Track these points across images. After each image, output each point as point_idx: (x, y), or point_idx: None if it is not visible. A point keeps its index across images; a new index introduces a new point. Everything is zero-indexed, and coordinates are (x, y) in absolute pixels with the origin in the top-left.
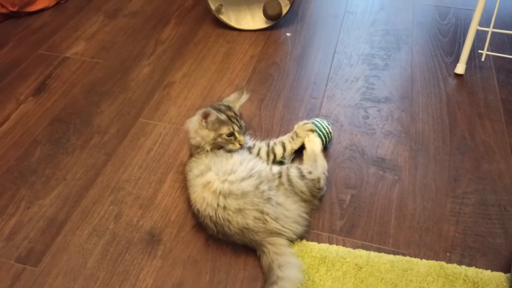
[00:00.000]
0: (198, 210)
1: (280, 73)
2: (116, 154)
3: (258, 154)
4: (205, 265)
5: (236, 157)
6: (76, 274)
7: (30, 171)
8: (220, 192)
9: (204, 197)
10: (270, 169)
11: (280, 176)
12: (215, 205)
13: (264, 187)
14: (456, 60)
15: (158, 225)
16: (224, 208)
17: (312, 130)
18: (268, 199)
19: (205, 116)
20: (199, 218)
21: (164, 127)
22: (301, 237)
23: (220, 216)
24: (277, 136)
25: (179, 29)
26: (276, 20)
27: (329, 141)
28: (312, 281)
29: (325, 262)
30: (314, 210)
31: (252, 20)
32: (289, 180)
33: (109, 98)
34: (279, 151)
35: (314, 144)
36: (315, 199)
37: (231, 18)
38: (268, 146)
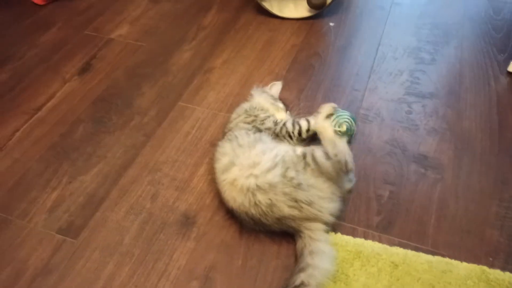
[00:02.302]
0: (232, 208)
1: (321, 64)
2: (155, 136)
3: (284, 125)
4: (237, 250)
5: (259, 147)
6: (112, 249)
7: (73, 148)
8: (248, 190)
9: (234, 197)
10: (294, 150)
11: (305, 157)
12: (247, 204)
13: (291, 173)
14: (510, 57)
15: (193, 208)
16: (256, 204)
17: (334, 108)
18: (299, 185)
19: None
20: (235, 214)
21: (203, 111)
22: (336, 230)
23: (254, 212)
24: None
25: (221, 15)
26: (320, 9)
27: (353, 133)
28: (346, 275)
29: (359, 257)
30: (350, 204)
31: (295, 8)
32: (314, 160)
33: (151, 81)
34: (304, 124)
35: (323, 129)
36: (342, 183)
37: (274, 5)
38: (293, 119)
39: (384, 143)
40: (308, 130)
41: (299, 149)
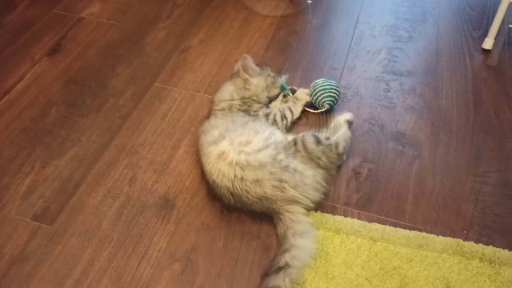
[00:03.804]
0: (214, 181)
1: (299, 42)
2: (131, 118)
3: (274, 119)
4: (218, 232)
5: (251, 126)
6: (90, 234)
7: (45, 132)
8: (236, 163)
9: (220, 169)
10: (286, 138)
11: (295, 144)
12: (232, 176)
13: (281, 156)
14: (484, 35)
15: (172, 190)
16: (242, 179)
17: (309, 94)
18: (286, 167)
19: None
20: (215, 189)
21: (180, 92)
22: (316, 208)
23: (237, 186)
24: None
25: None
26: None
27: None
28: (326, 252)
29: (339, 234)
30: (330, 182)
31: None
32: (305, 146)
33: (125, 61)
34: (289, 115)
35: (343, 115)
36: (333, 165)
37: None
38: (281, 111)
39: (363, 122)
40: (291, 121)
41: (290, 136)
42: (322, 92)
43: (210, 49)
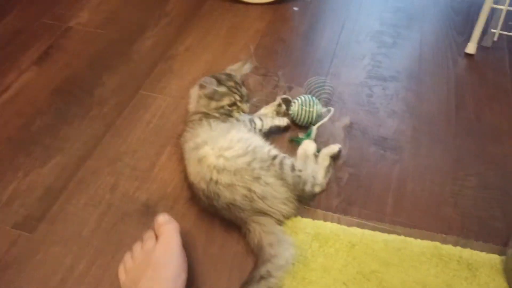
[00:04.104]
0: (192, 182)
1: (285, 49)
2: (115, 126)
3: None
4: (198, 237)
5: (234, 133)
6: (70, 242)
7: (30, 140)
8: (214, 167)
9: (198, 171)
10: (269, 151)
11: (274, 159)
12: (208, 179)
13: (255, 165)
14: (468, 39)
15: (154, 197)
16: (216, 182)
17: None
18: (257, 178)
19: (201, 88)
20: (194, 190)
21: (165, 100)
22: (295, 214)
23: (211, 189)
24: None
25: (185, 1)
26: None
27: (313, 120)
28: (304, 256)
29: (318, 239)
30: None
31: None
32: (281, 165)
33: (111, 70)
34: (258, 122)
35: (307, 146)
36: (300, 196)
37: None
38: (256, 117)
39: (345, 127)
40: (260, 128)
41: (274, 151)
42: (317, 89)
43: (196, 57)
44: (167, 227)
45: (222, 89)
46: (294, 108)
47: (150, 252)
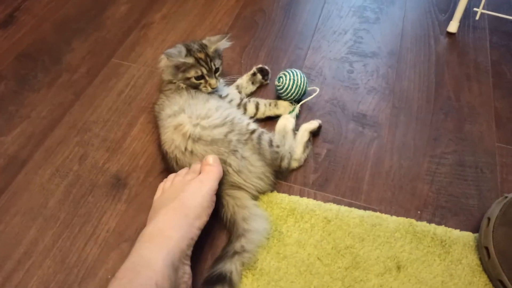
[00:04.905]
0: (166, 151)
1: (265, 21)
2: (85, 94)
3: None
4: None
5: (213, 102)
6: (35, 213)
7: None
8: (190, 136)
9: (173, 139)
10: (247, 124)
11: (252, 133)
12: (183, 148)
13: (233, 137)
14: (450, 18)
15: (125, 169)
16: (191, 152)
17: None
18: (234, 151)
19: (167, 56)
20: (167, 160)
21: (138, 69)
22: (271, 190)
23: (185, 160)
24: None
25: None
26: None
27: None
28: (279, 231)
29: (294, 214)
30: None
31: None
32: (259, 140)
33: (82, 36)
34: (251, 109)
35: (287, 121)
36: (276, 171)
37: None
38: (241, 100)
39: (325, 102)
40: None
41: (253, 125)
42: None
43: (173, 26)
44: (210, 169)
45: (189, 60)
46: (285, 81)
47: (186, 183)
